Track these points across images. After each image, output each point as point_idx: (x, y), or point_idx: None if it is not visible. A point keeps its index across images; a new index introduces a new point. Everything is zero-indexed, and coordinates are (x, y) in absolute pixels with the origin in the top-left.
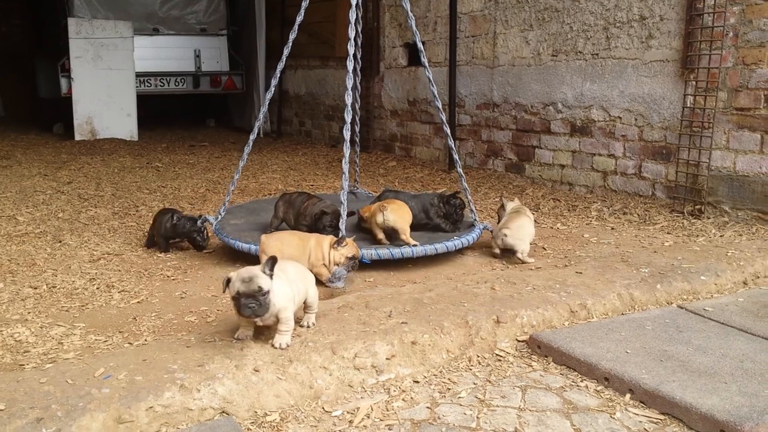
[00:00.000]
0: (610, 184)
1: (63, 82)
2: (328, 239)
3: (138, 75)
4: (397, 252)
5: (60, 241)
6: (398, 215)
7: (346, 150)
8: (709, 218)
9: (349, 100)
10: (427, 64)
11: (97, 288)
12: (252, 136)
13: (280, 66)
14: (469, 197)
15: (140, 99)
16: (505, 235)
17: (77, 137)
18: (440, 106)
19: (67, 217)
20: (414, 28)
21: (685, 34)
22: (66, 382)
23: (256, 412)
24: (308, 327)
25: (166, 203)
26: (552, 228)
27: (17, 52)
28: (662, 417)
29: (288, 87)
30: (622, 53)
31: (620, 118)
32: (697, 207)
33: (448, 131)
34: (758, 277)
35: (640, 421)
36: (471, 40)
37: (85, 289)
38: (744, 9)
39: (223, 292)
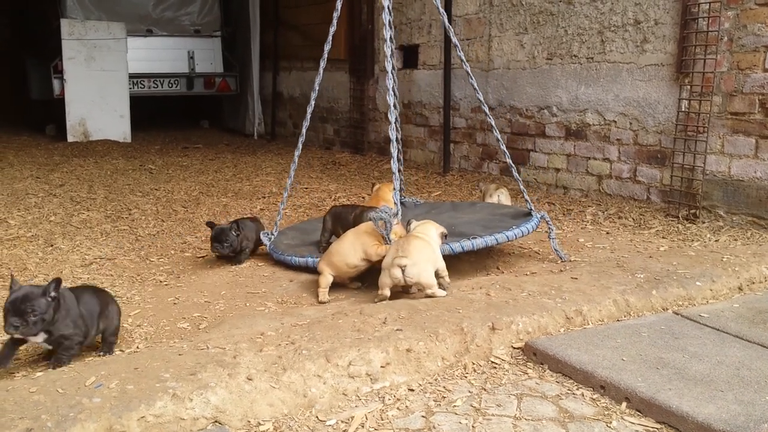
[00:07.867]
0: (605, 188)
1: (56, 83)
2: (364, 225)
3: (131, 76)
4: (457, 246)
5: (52, 245)
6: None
7: (394, 150)
8: (704, 223)
9: (391, 100)
10: (468, 67)
11: None
12: (297, 152)
13: (318, 80)
14: (522, 187)
15: (133, 100)
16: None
17: (70, 139)
18: (487, 111)
19: (59, 221)
20: (446, 24)
21: (679, 39)
22: (56, 391)
23: (249, 421)
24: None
25: (160, 206)
26: (547, 232)
27: (6, 52)
28: (659, 426)
29: (282, 89)
30: (617, 57)
31: (615, 122)
32: (692, 211)
33: (496, 127)
34: (753, 283)
35: (637, 431)
36: (466, 44)
37: None
38: (738, 13)
39: None
